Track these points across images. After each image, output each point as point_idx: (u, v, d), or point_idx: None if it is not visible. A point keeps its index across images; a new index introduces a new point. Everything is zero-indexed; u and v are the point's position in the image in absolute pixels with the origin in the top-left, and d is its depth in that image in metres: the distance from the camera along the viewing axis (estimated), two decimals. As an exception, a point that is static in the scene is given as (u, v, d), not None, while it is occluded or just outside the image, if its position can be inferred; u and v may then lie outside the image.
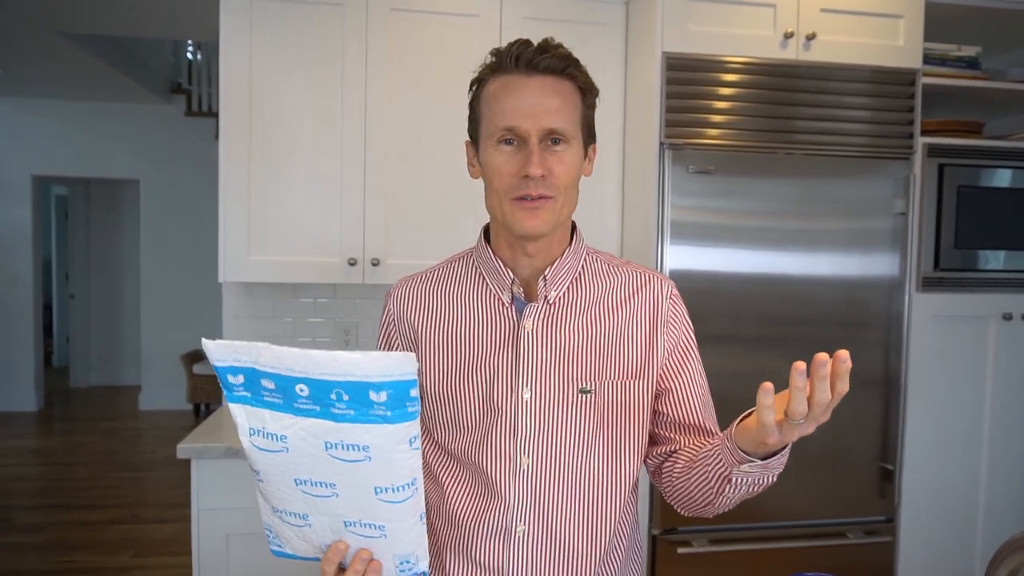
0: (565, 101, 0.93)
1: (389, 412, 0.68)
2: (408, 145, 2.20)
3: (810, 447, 2.08)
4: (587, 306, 1.00)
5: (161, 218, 6.26)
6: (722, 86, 2.02)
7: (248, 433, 0.74)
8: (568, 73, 0.93)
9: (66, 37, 4.07)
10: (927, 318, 2.15)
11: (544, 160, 0.91)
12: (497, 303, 1.00)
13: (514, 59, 0.92)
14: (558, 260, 0.99)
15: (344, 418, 0.68)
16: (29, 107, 5.95)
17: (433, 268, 1.08)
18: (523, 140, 0.91)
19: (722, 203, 2.02)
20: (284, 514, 0.78)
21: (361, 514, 0.75)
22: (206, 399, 5.82)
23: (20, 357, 6.13)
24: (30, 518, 3.89)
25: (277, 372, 0.69)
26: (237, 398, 0.72)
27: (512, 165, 0.92)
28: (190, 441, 1.90)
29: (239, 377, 0.71)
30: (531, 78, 0.92)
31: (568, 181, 0.94)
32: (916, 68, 2.12)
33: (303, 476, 0.73)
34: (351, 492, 0.73)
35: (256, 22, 2.12)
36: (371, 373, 0.66)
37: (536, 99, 0.91)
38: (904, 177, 2.11)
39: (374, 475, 0.71)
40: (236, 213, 2.14)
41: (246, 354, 0.70)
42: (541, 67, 0.91)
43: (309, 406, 0.69)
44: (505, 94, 0.92)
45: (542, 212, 0.93)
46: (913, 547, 2.18)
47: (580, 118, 0.96)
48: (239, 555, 1.91)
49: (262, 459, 0.75)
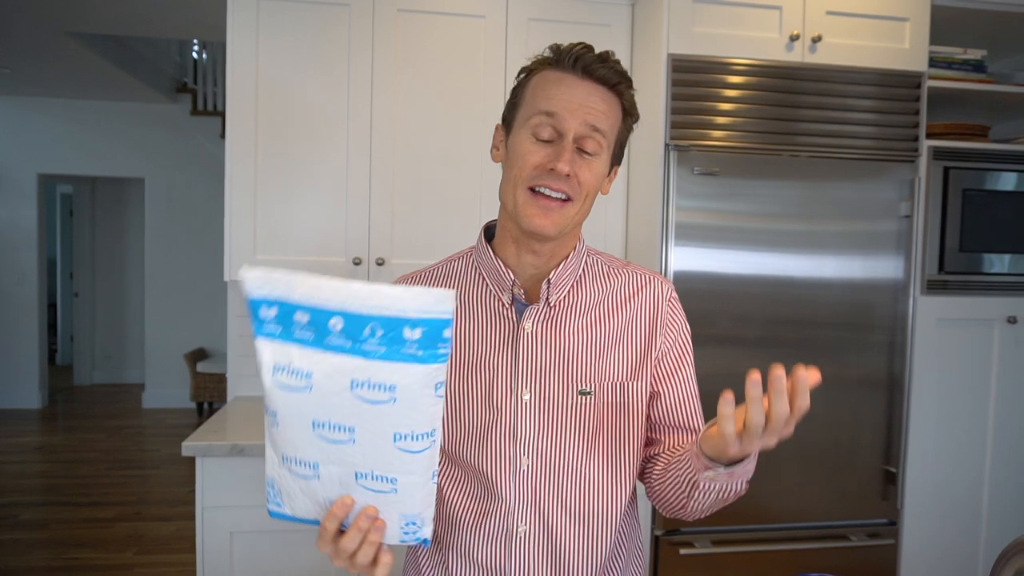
0: (610, 110, 0.93)
1: (421, 351, 0.67)
2: (414, 145, 2.20)
3: (813, 449, 2.08)
4: (587, 308, 1.00)
5: (166, 217, 6.27)
6: (727, 88, 2.03)
7: (272, 370, 0.71)
8: (618, 89, 0.94)
9: (72, 36, 4.09)
10: (931, 321, 2.15)
11: (573, 161, 0.91)
12: (497, 304, 1.00)
13: (573, 59, 0.92)
14: (563, 263, 0.99)
15: (375, 355, 0.68)
16: (35, 106, 5.97)
17: (432, 267, 1.07)
18: (559, 136, 0.91)
19: (727, 205, 2.02)
20: (293, 463, 0.74)
21: (375, 464, 0.72)
22: (209, 398, 5.83)
23: (24, 355, 6.15)
24: (34, 515, 3.90)
25: (312, 305, 0.68)
26: (266, 333, 0.70)
27: (539, 157, 0.91)
28: (195, 439, 1.90)
29: (272, 310, 0.69)
30: (584, 81, 0.92)
31: (590, 188, 0.94)
32: (922, 71, 2.12)
33: (322, 418, 0.71)
34: (369, 438, 0.71)
35: (263, 23, 2.12)
36: (409, 308, 0.66)
37: (585, 99, 0.91)
38: (909, 180, 2.11)
39: (396, 419, 0.70)
40: (242, 213, 2.15)
41: (283, 285, 0.68)
42: (596, 75, 0.92)
43: (340, 342, 0.68)
44: (556, 86, 0.93)
45: (555, 214, 0.92)
46: (916, 550, 2.18)
47: (616, 133, 0.96)
48: (243, 553, 1.92)
49: (282, 399, 0.72)
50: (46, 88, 5.60)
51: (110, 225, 7.18)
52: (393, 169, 2.20)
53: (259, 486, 1.91)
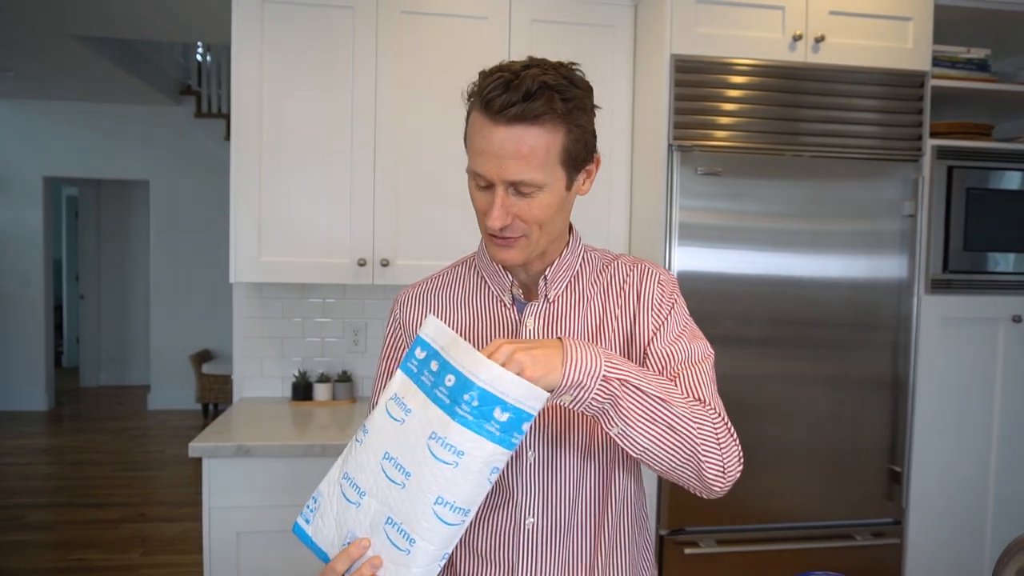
0: (535, 148, 0.87)
1: (499, 432, 0.74)
2: (418, 146, 2.21)
3: (818, 449, 2.09)
4: (586, 302, 1.01)
5: (171, 219, 6.29)
6: (730, 88, 2.03)
7: (391, 397, 0.81)
8: (539, 121, 0.86)
9: (77, 40, 4.10)
10: (936, 320, 2.15)
11: (509, 207, 0.90)
12: (499, 304, 1.03)
13: (484, 103, 0.87)
14: (556, 260, 1.01)
15: (461, 419, 0.74)
16: (40, 109, 6.00)
17: (436, 274, 1.10)
18: (491, 184, 0.91)
19: (730, 205, 2.02)
20: (349, 483, 0.81)
21: (406, 518, 0.77)
22: (215, 399, 5.84)
23: (31, 357, 6.18)
24: (41, 516, 3.92)
25: (445, 358, 0.77)
26: (408, 368, 0.81)
27: (482, 204, 0.92)
28: (201, 440, 1.91)
29: (424, 353, 0.80)
30: (498, 127, 0.86)
31: (541, 219, 0.92)
32: (925, 70, 2.12)
33: (394, 453, 0.78)
34: (417, 490, 0.76)
35: (267, 26, 2.13)
36: (509, 392, 0.73)
37: (499, 148, 0.87)
38: (913, 179, 2.11)
39: (447, 484, 0.75)
40: (247, 214, 2.16)
41: (444, 339, 0.79)
42: (508, 117, 0.86)
43: (443, 396, 0.76)
44: (477, 136, 0.90)
45: (514, 249, 0.94)
46: (921, 549, 2.18)
47: (560, 156, 0.89)
48: (250, 553, 1.93)
49: (382, 422, 0.80)
50: (51, 91, 5.62)
51: (115, 227, 7.21)
52: (397, 170, 2.21)
53: (265, 486, 1.92)
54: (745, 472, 2.06)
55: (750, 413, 2.05)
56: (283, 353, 2.50)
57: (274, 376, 2.49)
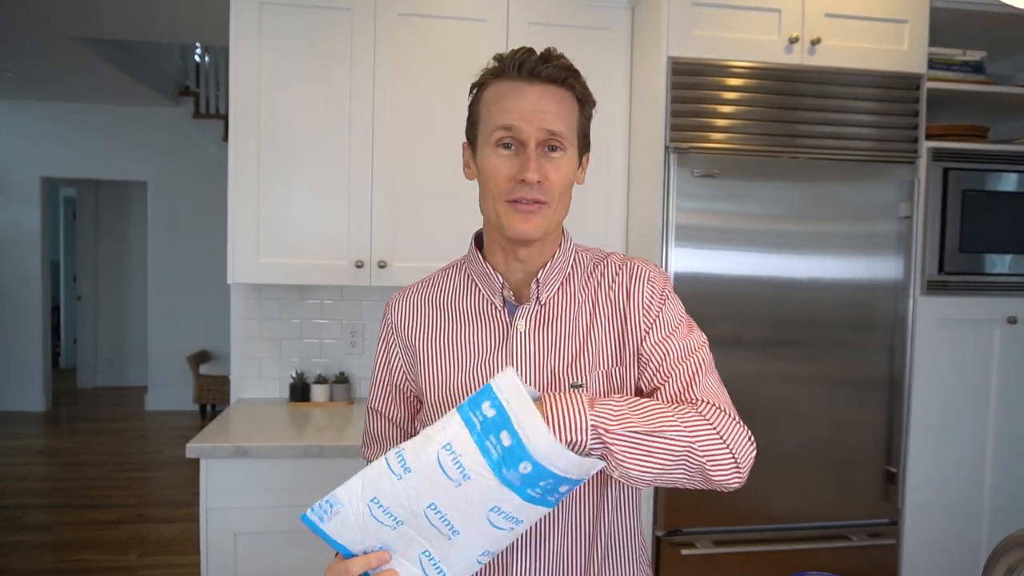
0: (564, 108, 0.95)
1: (556, 499, 0.75)
2: (415, 148, 2.22)
3: (815, 449, 2.09)
4: (577, 304, 1.02)
5: (168, 220, 6.29)
6: (727, 90, 2.04)
7: (443, 444, 0.73)
8: (568, 83, 0.95)
9: (76, 41, 4.11)
10: (932, 321, 2.16)
11: (541, 166, 0.93)
12: (489, 307, 1.03)
13: (517, 66, 0.94)
14: (549, 262, 1.01)
15: (530, 498, 0.73)
16: (38, 109, 6.00)
17: (427, 278, 1.11)
18: (521, 144, 0.93)
19: (727, 206, 2.03)
20: (379, 507, 0.77)
21: (446, 559, 0.77)
22: (212, 400, 5.84)
23: (29, 358, 6.17)
24: (39, 517, 3.91)
25: (521, 438, 0.72)
26: (467, 417, 0.73)
27: (509, 168, 0.94)
28: (199, 440, 1.92)
29: (492, 411, 0.72)
30: (532, 85, 0.94)
31: (562, 187, 0.96)
32: (921, 73, 2.13)
33: (443, 508, 0.75)
34: (464, 544, 0.76)
35: (265, 27, 2.14)
36: (572, 471, 0.73)
37: (536, 104, 0.93)
38: (909, 181, 2.12)
39: (496, 541, 0.76)
40: (245, 215, 2.16)
41: (516, 403, 0.72)
42: (543, 75, 0.93)
43: (514, 479, 0.72)
44: (507, 97, 0.95)
45: (536, 217, 0.95)
46: (917, 550, 2.18)
47: (577, 126, 0.97)
48: (247, 554, 1.93)
49: (431, 470, 0.74)
50: (50, 92, 5.62)
51: (113, 228, 7.20)
52: (395, 172, 2.21)
53: (262, 487, 1.92)
54: (742, 473, 2.07)
55: (747, 414, 2.04)
56: (281, 354, 2.50)
57: (272, 377, 2.49)
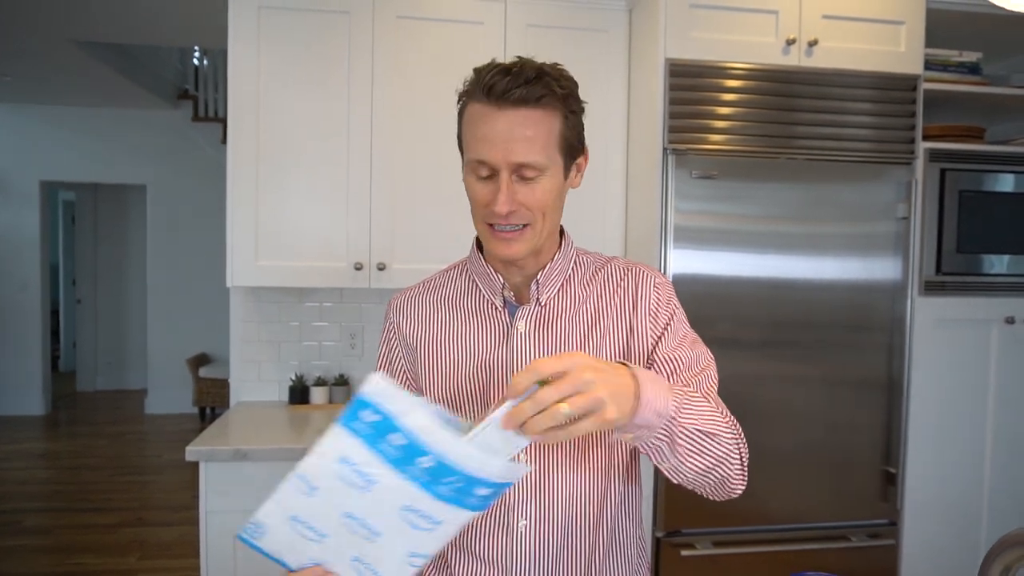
0: (539, 131, 0.90)
1: (478, 503, 0.74)
2: (414, 150, 2.22)
3: (813, 450, 2.09)
4: (577, 305, 1.02)
5: (168, 223, 6.29)
6: (725, 92, 2.04)
7: (339, 459, 0.72)
8: (542, 103, 0.90)
9: (75, 44, 4.11)
10: (929, 322, 2.16)
11: (514, 193, 0.91)
12: (490, 307, 1.03)
13: (487, 90, 0.90)
14: (548, 264, 1.01)
15: (442, 496, 0.72)
16: (37, 113, 6.00)
17: (429, 279, 1.12)
18: (494, 171, 0.92)
19: (725, 208, 2.04)
20: (303, 526, 0.77)
21: (377, 561, 0.77)
22: (212, 403, 5.84)
23: (28, 361, 6.17)
24: (38, 521, 3.91)
25: (414, 437, 0.70)
26: (353, 428, 0.71)
27: (484, 195, 0.93)
28: (199, 443, 1.92)
29: (375, 417, 0.70)
30: (503, 111, 0.89)
31: (544, 206, 0.94)
32: (918, 74, 2.13)
33: (360, 515, 0.75)
34: (390, 546, 0.76)
35: (263, 31, 2.14)
36: (494, 474, 0.71)
37: (507, 133, 0.89)
38: (906, 182, 2.13)
39: (421, 543, 0.76)
40: (244, 218, 2.17)
41: (400, 406, 0.70)
42: (513, 99, 0.88)
43: (420, 475, 0.71)
44: (479, 124, 0.91)
45: (516, 243, 0.94)
46: (916, 550, 2.18)
47: (558, 141, 0.93)
48: (247, 556, 1.93)
49: (333, 484, 0.74)
50: (48, 95, 5.63)
51: (112, 231, 7.20)
52: (394, 174, 2.22)
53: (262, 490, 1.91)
54: (741, 474, 2.07)
55: (746, 415, 2.04)
56: (280, 357, 2.50)
57: (271, 380, 2.50)
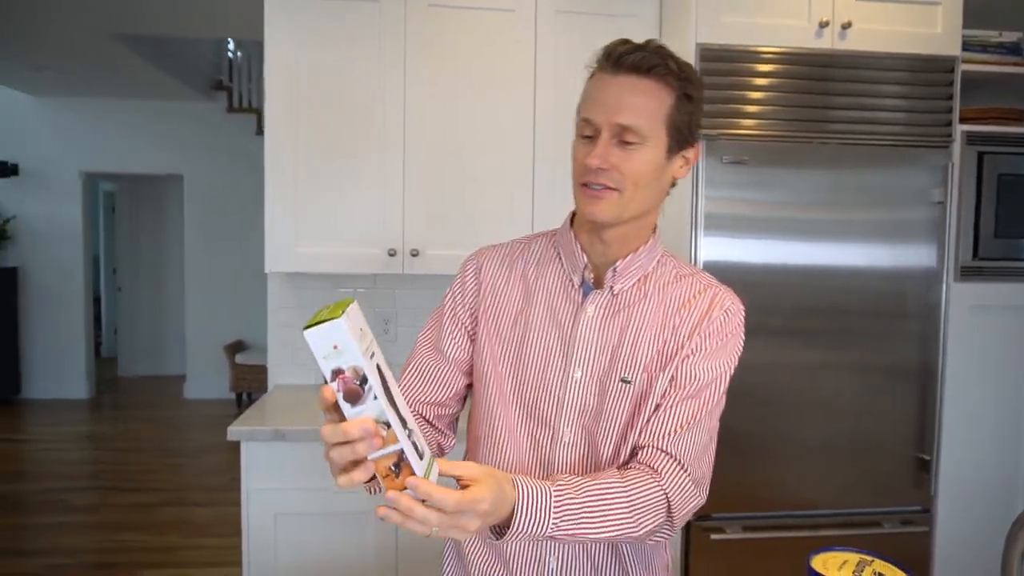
0: (646, 100, 0.94)
1: None
2: (446, 137, 2.25)
3: (845, 436, 2.09)
4: (646, 304, 1.02)
5: (204, 212, 6.43)
6: (756, 76, 2.03)
7: None
8: (655, 72, 0.93)
9: (115, 38, 4.21)
10: (965, 308, 2.13)
11: (609, 154, 0.94)
12: (567, 283, 1.05)
13: (607, 54, 0.96)
14: (632, 255, 1.02)
15: None
16: (78, 106, 6.16)
17: (515, 241, 1.14)
18: (597, 132, 0.95)
19: (756, 194, 2.03)
20: None
21: None
22: (248, 388, 5.97)
23: (73, 347, 6.38)
24: (85, 499, 4.07)
25: None
26: None
27: (583, 154, 0.97)
28: (240, 424, 1.98)
29: None
30: (616, 76, 0.94)
31: (637, 176, 0.95)
32: (955, 55, 2.10)
33: None
34: None
35: (298, 22, 2.19)
36: None
37: (615, 95, 0.94)
38: (942, 166, 2.10)
39: None
40: (282, 206, 2.22)
41: None
42: (626, 65, 0.93)
43: None
44: (593, 88, 0.97)
45: (603, 201, 0.96)
46: (950, 537, 2.17)
47: (666, 119, 0.95)
48: (287, 534, 2.00)
49: None
50: (89, 89, 5.77)
51: (151, 221, 7.38)
52: (426, 161, 2.25)
53: (300, 470, 1.98)
54: (771, 460, 2.07)
55: (775, 402, 2.06)
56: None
57: (307, 364, 2.56)
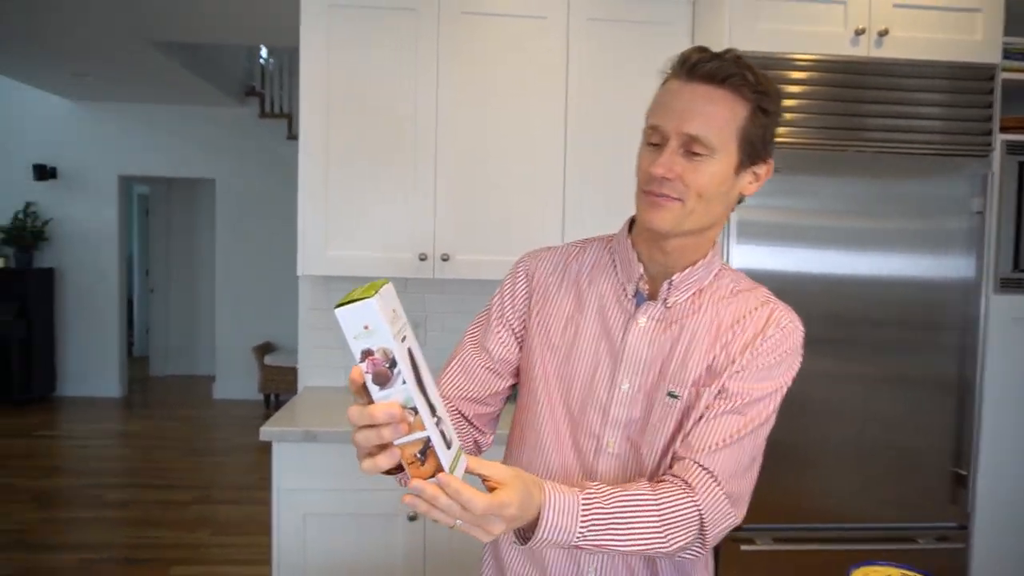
0: (717, 110, 0.91)
1: None
2: (477, 144, 2.26)
3: (879, 450, 2.06)
4: (700, 318, 1.00)
5: (235, 215, 6.53)
6: (791, 84, 2.01)
7: None
8: (729, 83, 0.90)
9: (151, 44, 4.31)
10: (1006, 320, 2.09)
11: (674, 163, 0.91)
12: (620, 292, 1.03)
13: (681, 61, 0.93)
14: (689, 268, 1.00)
15: None
16: (115, 110, 6.30)
17: (568, 245, 1.12)
18: (664, 139, 0.93)
19: (790, 202, 2.01)
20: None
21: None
22: (276, 389, 6.05)
23: (106, 347, 6.51)
24: (118, 495, 4.15)
25: None
26: None
27: (648, 161, 0.94)
28: (271, 424, 2.01)
29: None
30: (688, 84, 0.92)
31: (702, 189, 0.92)
32: (995, 63, 2.06)
33: None
34: None
35: (333, 30, 2.22)
36: None
37: (685, 103, 0.91)
38: (982, 175, 2.06)
39: None
40: (314, 210, 2.25)
41: None
42: (699, 74, 0.91)
43: None
44: (664, 96, 0.94)
45: (663, 210, 0.93)
46: (987, 555, 2.12)
47: (738, 132, 0.92)
48: (316, 534, 2.02)
49: None
50: (126, 93, 5.91)
51: (183, 224, 7.52)
52: (458, 167, 2.27)
53: (330, 471, 2.00)
54: (804, 470, 2.05)
55: (809, 412, 2.04)
56: (346, 344, 2.58)
57: (338, 366, 2.58)
